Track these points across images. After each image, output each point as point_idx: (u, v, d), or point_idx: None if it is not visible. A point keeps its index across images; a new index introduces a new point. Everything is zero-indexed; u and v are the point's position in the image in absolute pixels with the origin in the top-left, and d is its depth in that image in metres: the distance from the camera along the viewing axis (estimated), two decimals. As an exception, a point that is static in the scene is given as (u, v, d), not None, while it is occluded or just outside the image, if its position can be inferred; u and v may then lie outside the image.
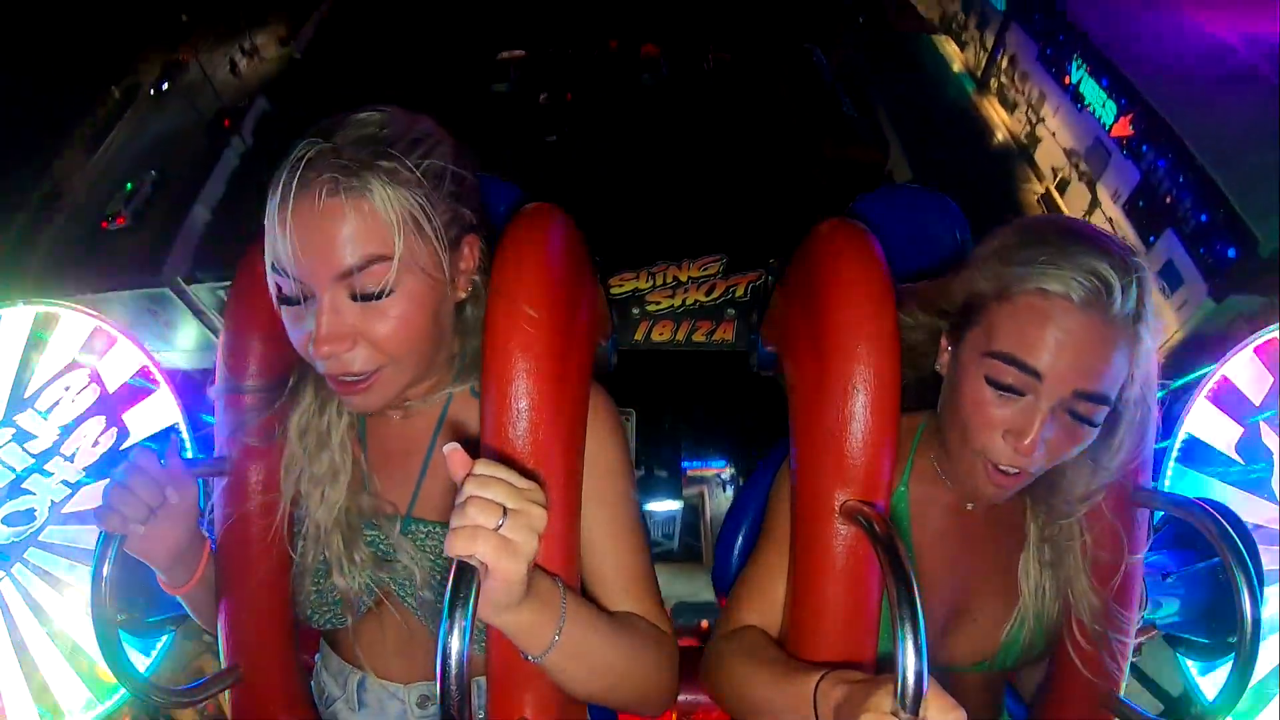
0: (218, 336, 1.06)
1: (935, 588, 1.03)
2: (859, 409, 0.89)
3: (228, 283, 1.06)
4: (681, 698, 1.20)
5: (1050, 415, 0.91)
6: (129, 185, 17.51)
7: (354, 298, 0.86)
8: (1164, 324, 0.96)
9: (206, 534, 1.05)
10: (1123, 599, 1.03)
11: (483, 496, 0.73)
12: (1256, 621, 0.93)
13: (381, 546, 1.01)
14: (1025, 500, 1.10)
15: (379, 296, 0.86)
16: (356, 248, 0.84)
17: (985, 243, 0.99)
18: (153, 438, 1.45)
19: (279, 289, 0.88)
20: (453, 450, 0.75)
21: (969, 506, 1.06)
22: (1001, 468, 0.94)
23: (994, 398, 0.93)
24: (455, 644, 0.68)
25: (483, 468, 0.75)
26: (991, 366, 0.92)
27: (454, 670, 0.68)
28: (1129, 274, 0.90)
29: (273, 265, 0.87)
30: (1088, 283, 0.88)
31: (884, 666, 0.94)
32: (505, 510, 0.73)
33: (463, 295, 0.96)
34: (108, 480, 0.92)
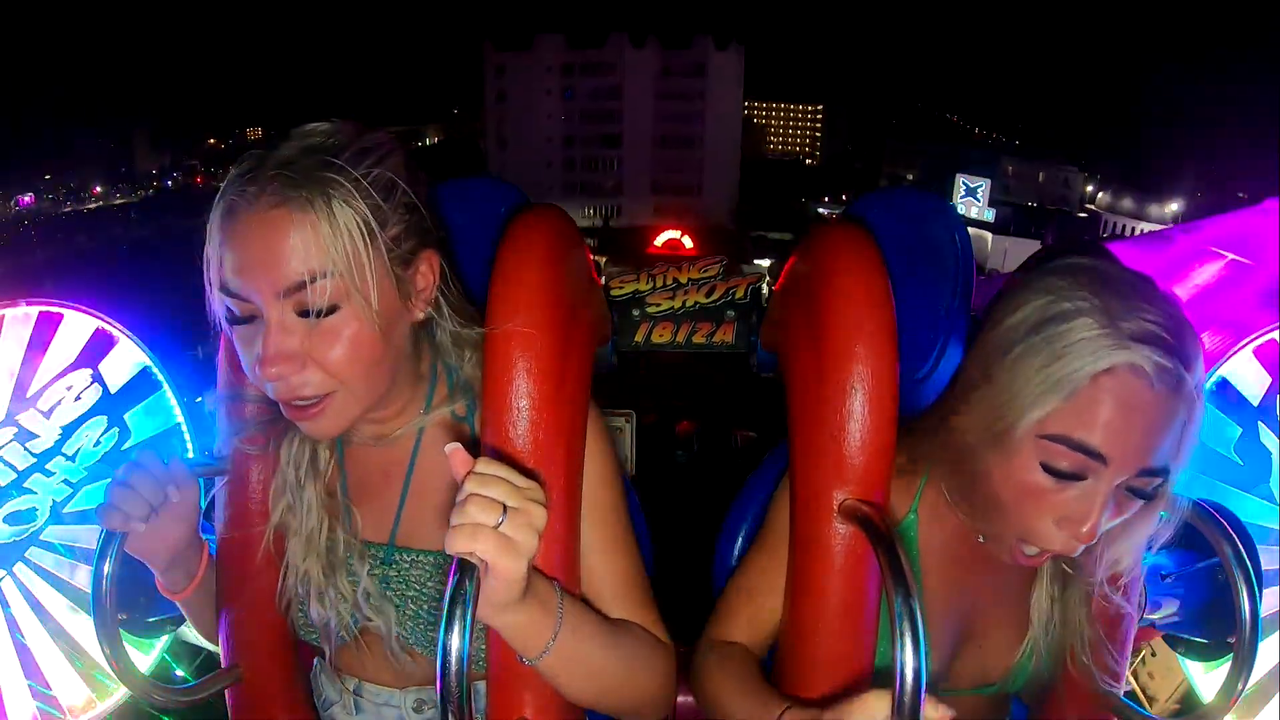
0: None
1: (941, 612, 1.01)
2: (858, 407, 0.89)
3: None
4: (681, 699, 1.20)
5: (1110, 497, 0.82)
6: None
7: (302, 314, 0.83)
8: None
9: (205, 539, 1.05)
10: (1122, 599, 1.03)
11: (483, 494, 0.73)
12: (1256, 619, 0.93)
13: (364, 578, 1.00)
14: None
15: (326, 313, 0.83)
16: (301, 262, 0.81)
17: (999, 330, 0.85)
18: (155, 438, 1.45)
19: (229, 310, 0.86)
20: (454, 450, 0.75)
21: (980, 539, 1.03)
22: (1028, 553, 0.88)
23: (1050, 484, 0.82)
24: (455, 643, 0.68)
25: (484, 466, 0.75)
26: (1047, 451, 0.81)
27: (454, 670, 0.68)
28: (1195, 339, 0.81)
29: (219, 284, 0.85)
30: (1163, 359, 0.77)
31: (882, 673, 0.95)
32: (505, 508, 0.73)
33: (419, 315, 0.93)
34: (111, 479, 0.92)
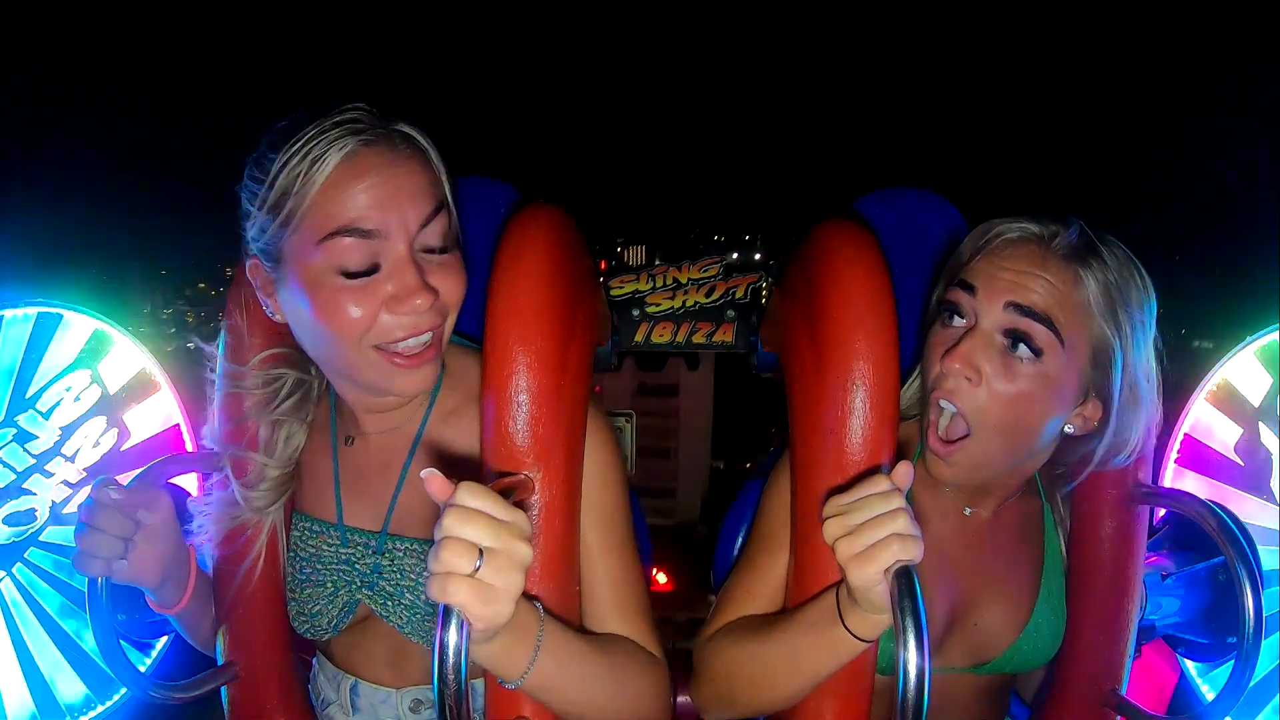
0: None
1: (935, 593, 1.02)
2: (858, 404, 0.89)
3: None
4: (681, 699, 1.19)
5: (988, 338, 0.93)
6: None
7: (426, 250, 0.89)
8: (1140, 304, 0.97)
9: (192, 544, 1.04)
10: (1123, 598, 1.03)
11: (459, 538, 0.68)
12: (1259, 615, 0.92)
13: (358, 566, 1.00)
14: (1040, 510, 1.10)
15: (444, 250, 0.91)
16: (432, 194, 0.89)
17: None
18: (153, 438, 1.45)
19: (341, 264, 0.85)
20: (429, 476, 0.70)
21: (967, 512, 1.06)
22: (939, 430, 0.96)
23: (940, 330, 0.97)
24: (452, 639, 0.67)
25: (464, 496, 0.69)
26: (939, 297, 1.00)
27: (451, 665, 0.67)
28: (1071, 224, 0.94)
29: (344, 228, 0.85)
30: (1025, 224, 0.94)
31: (886, 666, 0.95)
32: (484, 551, 0.68)
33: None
34: (76, 525, 0.91)
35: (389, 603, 0.98)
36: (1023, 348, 0.91)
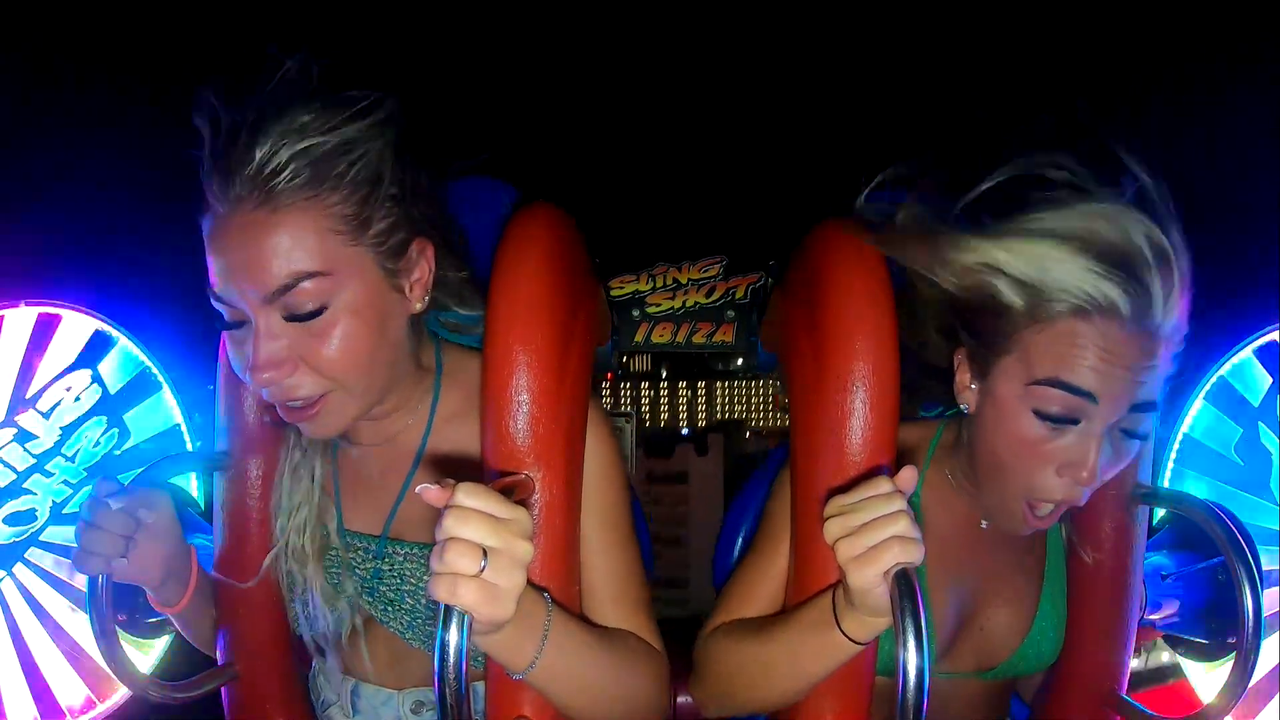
0: None
1: (942, 598, 1.02)
2: (858, 404, 0.89)
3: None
4: (681, 699, 1.19)
5: (1103, 439, 0.86)
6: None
7: (289, 318, 0.82)
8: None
9: (193, 544, 1.04)
10: (1123, 598, 1.03)
11: (461, 538, 0.68)
12: (1259, 615, 0.92)
13: (359, 571, 0.99)
14: None
15: (313, 315, 0.83)
16: (284, 265, 0.81)
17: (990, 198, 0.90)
18: (152, 439, 1.46)
19: (220, 315, 0.86)
20: (424, 490, 0.70)
21: (984, 524, 1.05)
22: (1039, 512, 0.92)
23: (1045, 433, 0.86)
24: (453, 638, 0.67)
25: (463, 497, 0.69)
26: (1038, 396, 0.85)
27: (452, 664, 0.67)
28: (1171, 271, 0.82)
29: (210, 288, 0.85)
30: (1134, 294, 0.81)
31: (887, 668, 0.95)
32: (487, 550, 0.68)
33: (417, 306, 0.92)
34: (78, 522, 0.90)
35: (389, 608, 0.98)
36: (1134, 438, 0.88)
